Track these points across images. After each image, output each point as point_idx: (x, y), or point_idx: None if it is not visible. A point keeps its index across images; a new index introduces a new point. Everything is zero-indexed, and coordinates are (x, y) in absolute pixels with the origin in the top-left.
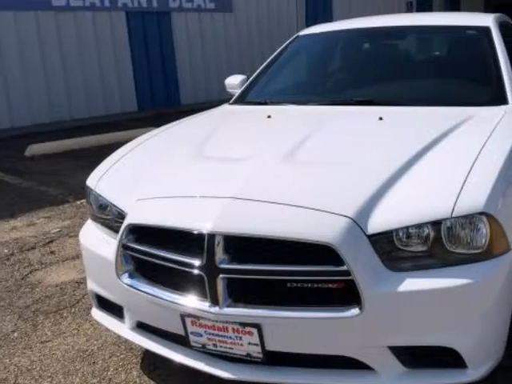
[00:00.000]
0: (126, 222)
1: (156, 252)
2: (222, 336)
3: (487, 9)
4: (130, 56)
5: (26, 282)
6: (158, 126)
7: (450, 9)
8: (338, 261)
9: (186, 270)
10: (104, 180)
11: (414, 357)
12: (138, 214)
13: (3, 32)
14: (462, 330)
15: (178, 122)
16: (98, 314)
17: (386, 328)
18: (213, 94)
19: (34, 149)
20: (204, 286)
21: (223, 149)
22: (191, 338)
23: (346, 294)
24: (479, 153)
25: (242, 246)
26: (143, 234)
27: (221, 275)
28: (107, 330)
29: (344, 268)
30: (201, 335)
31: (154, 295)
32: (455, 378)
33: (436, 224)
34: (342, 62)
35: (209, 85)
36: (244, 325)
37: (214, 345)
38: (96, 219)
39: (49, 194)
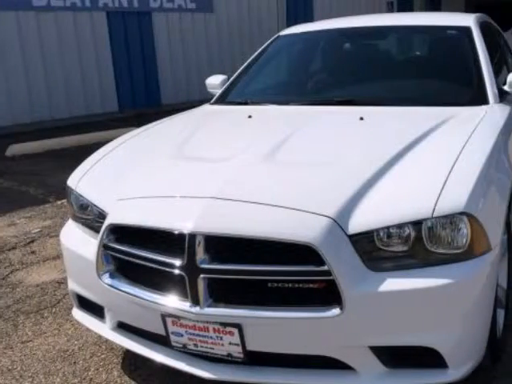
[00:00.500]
0: (106, 222)
1: (137, 252)
2: (202, 336)
3: (468, 9)
4: (110, 56)
5: (6, 282)
6: (139, 126)
7: (431, 9)
8: (319, 261)
9: (167, 270)
10: (85, 180)
11: (394, 357)
12: (119, 214)
13: None
14: (442, 330)
15: (158, 122)
16: (78, 314)
17: (366, 328)
18: (194, 94)
19: (15, 149)
20: (185, 286)
21: (204, 149)
22: (172, 338)
23: (327, 294)
24: (460, 153)
25: (223, 246)
26: (124, 234)
27: (201, 275)
28: (88, 330)
29: (325, 268)
30: (182, 335)
31: (134, 295)
32: (436, 378)
33: (417, 224)
34: (322, 62)
35: (190, 85)
36: (225, 325)
37: (195, 345)
38: (77, 219)
39: (30, 194)
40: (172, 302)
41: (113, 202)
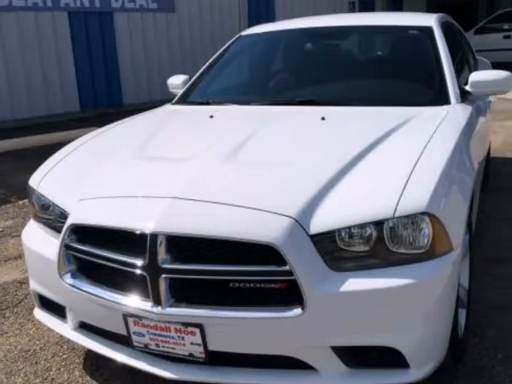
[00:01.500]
0: (68, 222)
1: (99, 252)
2: (164, 336)
3: (430, 9)
4: (72, 56)
5: None
6: (101, 126)
7: (392, 9)
8: (281, 261)
9: (129, 270)
10: (46, 180)
11: (356, 357)
12: (81, 214)
13: None
14: (404, 330)
15: (120, 121)
16: (40, 314)
17: (328, 328)
18: (155, 94)
19: None
20: (146, 286)
21: (166, 149)
22: (134, 338)
23: (289, 294)
24: (421, 153)
25: (185, 246)
26: (86, 233)
27: (163, 275)
28: (50, 330)
29: (286, 268)
30: (143, 335)
31: (96, 295)
32: (398, 378)
33: (378, 224)
34: (284, 62)
35: (151, 85)
36: (186, 325)
37: (157, 345)
38: (39, 219)
39: None
40: (134, 302)
41: (74, 201)
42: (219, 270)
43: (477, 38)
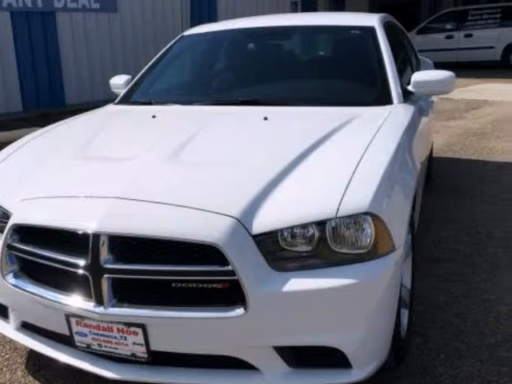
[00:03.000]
0: (10, 222)
1: (41, 252)
2: (106, 336)
3: (372, 9)
4: (14, 56)
5: None
6: (43, 126)
7: (335, 9)
8: (223, 261)
9: (71, 270)
10: None
11: (299, 357)
12: (23, 214)
13: None
14: (346, 330)
15: (63, 121)
16: None
17: (270, 328)
18: (98, 94)
19: None
20: (89, 286)
21: (108, 149)
22: (76, 338)
23: (231, 294)
24: (364, 153)
25: (128, 246)
26: (28, 233)
27: (105, 275)
28: None
29: (229, 268)
30: (86, 335)
31: (39, 295)
32: (340, 378)
33: (321, 224)
34: (227, 62)
35: (94, 85)
36: (129, 325)
37: (99, 345)
38: None
39: None
40: (76, 302)
41: (17, 202)
42: (162, 270)
43: (419, 38)
